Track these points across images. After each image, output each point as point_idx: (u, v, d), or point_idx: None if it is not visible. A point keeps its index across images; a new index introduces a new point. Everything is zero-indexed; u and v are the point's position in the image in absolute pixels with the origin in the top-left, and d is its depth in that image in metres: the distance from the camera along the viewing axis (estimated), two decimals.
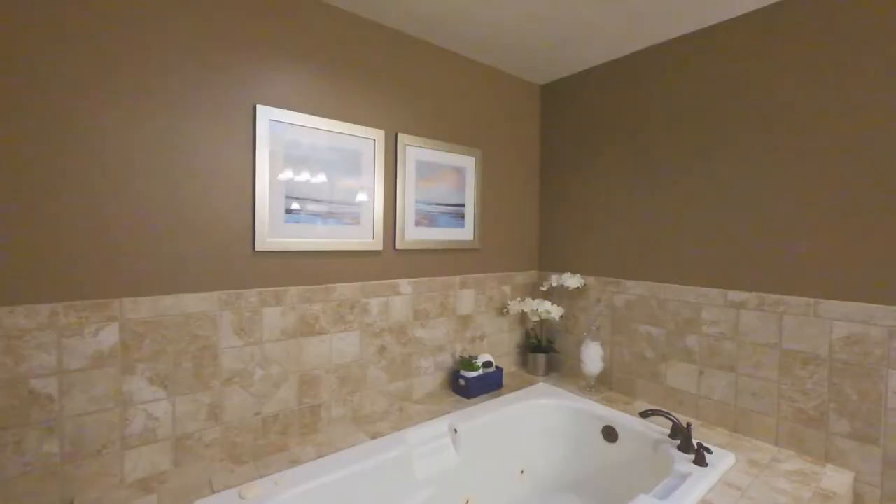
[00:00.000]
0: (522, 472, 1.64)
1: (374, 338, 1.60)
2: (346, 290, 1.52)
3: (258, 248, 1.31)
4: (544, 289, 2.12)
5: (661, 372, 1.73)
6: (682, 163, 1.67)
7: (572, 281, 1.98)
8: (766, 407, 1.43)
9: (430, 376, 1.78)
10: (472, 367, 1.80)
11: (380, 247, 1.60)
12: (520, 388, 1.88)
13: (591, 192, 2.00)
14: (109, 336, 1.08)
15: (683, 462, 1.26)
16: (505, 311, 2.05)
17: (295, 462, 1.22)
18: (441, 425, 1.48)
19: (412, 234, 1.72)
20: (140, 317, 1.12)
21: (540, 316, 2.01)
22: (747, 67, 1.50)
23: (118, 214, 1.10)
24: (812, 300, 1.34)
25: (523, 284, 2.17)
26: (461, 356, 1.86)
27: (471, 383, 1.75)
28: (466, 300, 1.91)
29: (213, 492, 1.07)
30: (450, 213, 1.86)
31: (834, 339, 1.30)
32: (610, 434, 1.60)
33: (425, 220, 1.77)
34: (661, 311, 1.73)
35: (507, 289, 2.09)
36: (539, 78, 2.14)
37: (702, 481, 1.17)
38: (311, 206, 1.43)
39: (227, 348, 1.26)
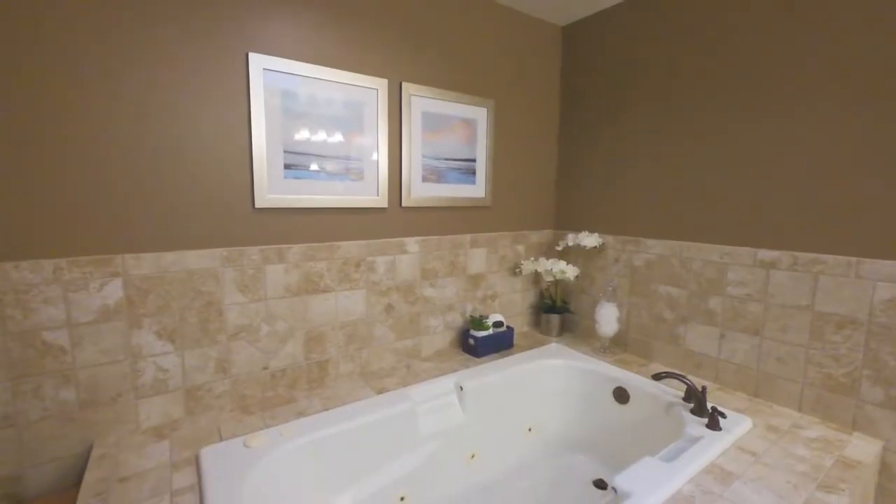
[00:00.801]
0: (530, 429, 1.64)
1: (381, 296, 1.59)
2: (350, 248, 1.49)
3: (258, 204, 1.29)
4: (560, 248, 2.03)
5: (679, 334, 1.65)
6: (713, 114, 1.51)
7: (589, 240, 1.88)
8: (792, 372, 1.35)
9: (438, 335, 1.77)
10: (482, 327, 1.77)
11: (385, 204, 1.55)
12: (531, 348, 1.86)
13: (614, 145, 1.85)
14: (114, 291, 1.10)
15: (695, 426, 1.22)
16: (518, 271, 1.99)
17: (301, 414, 1.25)
18: (447, 383, 1.48)
19: (419, 190, 1.65)
20: (143, 273, 1.13)
21: (554, 276, 1.95)
22: (796, 8, 1.29)
23: (118, 171, 1.09)
24: (854, 259, 1.21)
25: (538, 244, 2.09)
26: (471, 316, 1.84)
27: (480, 342, 1.73)
28: (477, 259, 1.86)
29: (221, 440, 1.11)
30: (459, 169, 1.77)
31: (875, 302, 1.18)
32: (621, 395, 1.56)
33: (433, 176, 1.69)
34: (683, 272, 1.62)
35: (520, 248, 2.02)
36: (560, 17, 1.95)
37: (713, 445, 1.12)
38: (311, 162, 1.39)
39: (231, 304, 1.27)
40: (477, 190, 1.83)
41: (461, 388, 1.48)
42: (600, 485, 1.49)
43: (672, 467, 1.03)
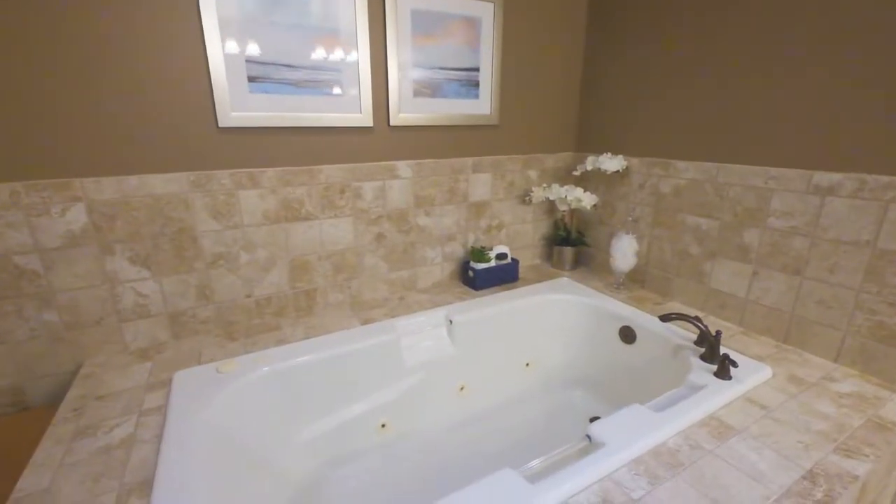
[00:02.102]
0: (528, 364, 1.58)
1: (370, 225, 1.49)
2: (332, 172, 1.37)
3: (222, 123, 1.18)
4: (577, 173, 1.80)
5: (705, 271, 1.45)
6: (767, 14, 1.15)
7: (611, 163, 1.64)
8: (834, 318, 1.14)
9: (436, 266, 1.68)
10: (483, 259, 1.66)
11: (370, 122, 1.39)
12: (539, 282, 1.73)
13: (650, 51, 1.52)
14: (78, 216, 1.07)
15: (701, 373, 1.08)
16: (527, 199, 1.80)
17: (282, 341, 1.25)
18: (437, 315, 1.41)
19: (410, 107, 1.46)
20: (105, 198, 1.09)
21: (569, 204, 1.75)
22: None
23: (67, 91, 1.00)
24: None
25: (553, 169, 1.87)
26: (472, 247, 1.72)
27: (479, 275, 1.63)
28: (481, 186, 1.69)
29: (200, 364, 1.13)
30: (459, 81, 1.54)
31: None
32: (627, 335, 1.43)
33: (427, 89, 1.48)
34: (717, 199, 1.38)
35: (532, 173, 1.81)
36: None
37: (716, 396, 0.99)
38: (279, 73, 1.23)
39: (205, 232, 1.23)
40: (480, 105, 1.61)
41: (450, 322, 1.41)
42: None
43: (660, 417, 0.92)
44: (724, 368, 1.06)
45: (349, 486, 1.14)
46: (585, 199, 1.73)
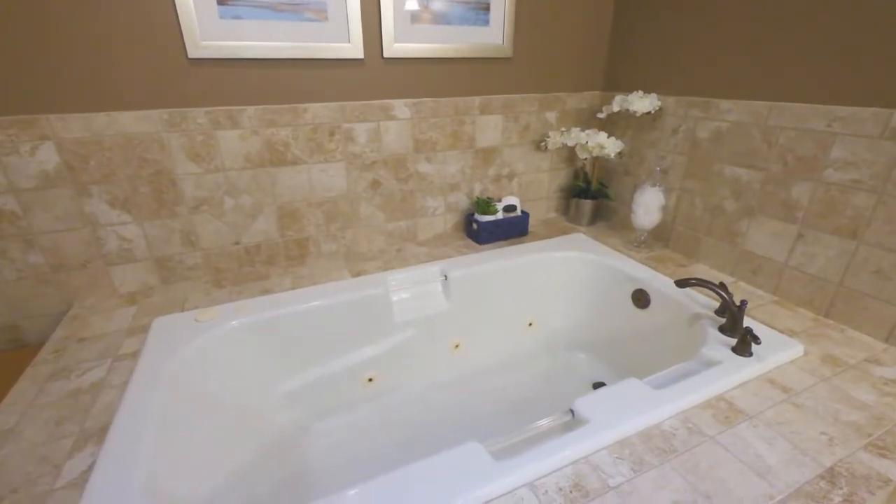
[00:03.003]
0: (531, 324, 1.48)
1: (365, 171, 1.38)
2: (320, 111, 1.25)
3: (192, 54, 1.07)
4: (602, 116, 1.58)
5: (739, 230, 1.26)
6: None
7: (642, 103, 1.42)
8: (894, 291, 0.96)
9: (438, 218, 1.57)
10: (488, 210, 1.53)
11: (360, 54, 1.24)
12: (551, 237, 1.59)
13: None
14: (49, 155, 1.02)
15: (717, 346, 0.95)
16: (543, 145, 1.62)
17: (267, 291, 1.21)
18: (432, 270, 1.32)
19: (408, 35, 1.29)
20: (75, 136, 1.03)
21: (590, 152, 1.55)
22: None
23: (23, 22, 0.92)
24: None
25: (576, 110, 1.65)
26: (478, 197, 1.58)
27: (483, 228, 1.51)
28: (490, 129, 1.52)
29: (183, 311, 1.11)
30: (466, 4, 1.33)
31: None
32: (641, 299, 1.30)
33: (427, 14, 1.29)
34: (763, 146, 1.16)
35: (551, 116, 1.61)
36: None
37: (729, 374, 0.87)
38: None
39: (184, 175, 1.16)
40: (491, 34, 1.40)
41: (445, 277, 1.32)
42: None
43: (658, 395, 0.81)
44: (744, 343, 0.92)
45: (332, 439, 1.13)
46: (609, 145, 1.53)
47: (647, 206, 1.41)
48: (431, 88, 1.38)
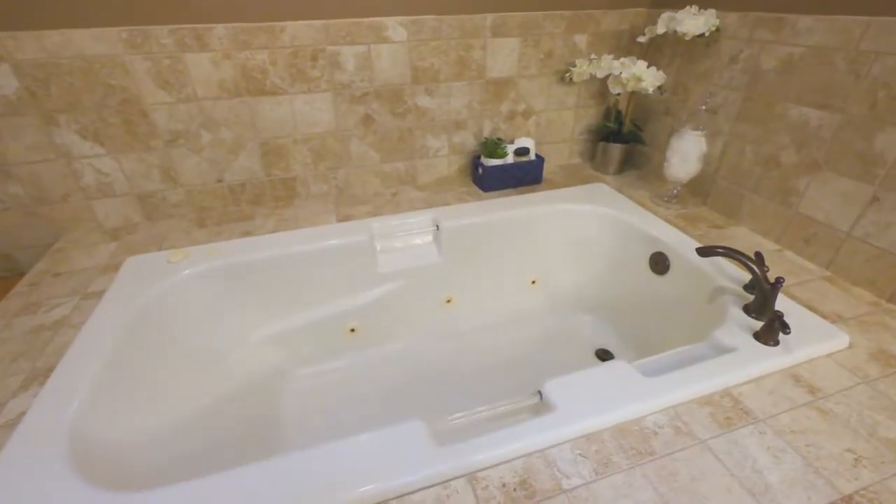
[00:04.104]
0: (534, 282, 1.35)
1: (355, 104, 1.23)
2: (300, 31, 1.09)
3: None
4: (643, 40, 1.30)
5: (796, 188, 1.03)
6: None
7: (694, 22, 1.13)
8: None
9: (441, 159, 1.41)
10: (496, 154, 1.35)
11: None
12: (569, 185, 1.40)
13: None
14: (7, 80, 0.96)
15: (735, 330, 0.79)
16: (567, 76, 1.37)
17: (247, 233, 1.15)
18: (423, 218, 1.20)
19: None
20: (30, 57, 0.95)
21: (624, 85, 1.30)
22: None
23: None
24: None
25: (614, 33, 1.37)
26: (486, 138, 1.40)
27: (489, 173, 1.34)
28: (504, 56, 1.30)
29: (161, 249, 1.08)
30: None
31: None
32: (659, 263, 1.12)
33: None
34: (849, 79, 0.89)
35: (580, 39, 1.35)
36: None
37: (743, 366, 0.72)
38: None
39: (154, 104, 1.07)
40: None
41: (437, 227, 1.20)
42: (603, 356, 1.23)
43: (646, 384, 0.69)
44: (770, 330, 0.76)
45: (308, 387, 1.12)
46: (648, 77, 1.26)
47: (685, 154, 1.18)
48: (432, 3, 1.16)
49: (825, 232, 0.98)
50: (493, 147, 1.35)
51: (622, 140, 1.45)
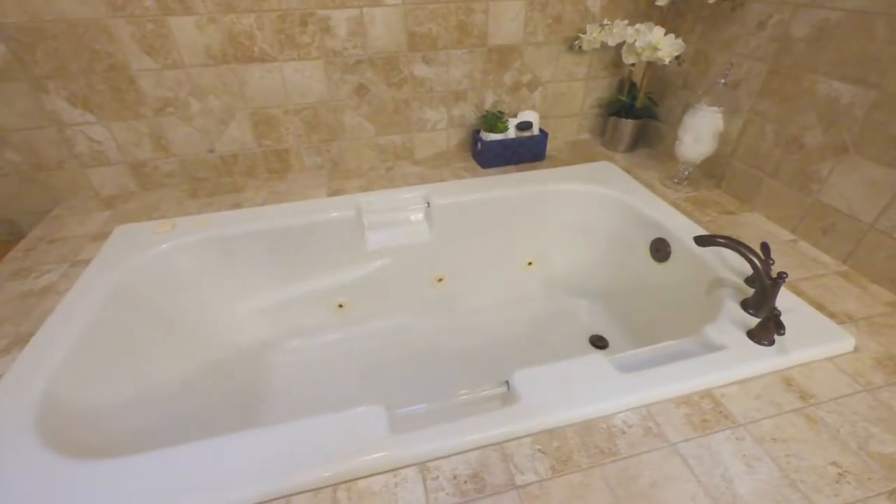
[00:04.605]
0: (530, 264, 1.31)
1: (347, 73, 1.18)
2: None
3: None
4: (663, 3, 1.18)
5: (818, 174, 0.93)
6: None
7: None
8: None
9: (440, 133, 1.36)
10: (496, 128, 1.28)
11: None
12: (574, 163, 1.33)
13: None
14: None
15: (728, 327, 0.74)
16: (577, 43, 1.27)
17: (236, 206, 1.14)
18: (414, 194, 1.17)
19: None
20: (13, 20, 0.94)
21: (639, 54, 1.20)
22: None
23: None
24: None
25: None
26: (487, 111, 1.33)
27: (487, 148, 1.28)
28: (508, 20, 1.21)
29: (151, 219, 1.08)
30: None
31: None
32: (659, 250, 1.06)
33: None
34: (889, 48, 0.79)
35: (593, 2, 1.24)
36: None
37: (730, 366, 0.67)
38: None
39: (141, 71, 1.05)
40: None
41: (428, 204, 1.16)
42: (597, 343, 1.19)
43: (620, 380, 0.65)
44: (765, 328, 0.70)
45: (293, 361, 1.12)
46: (665, 46, 1.16)
47: (699, 132, 1.09)
48: None
49: (846, 222, 0.89)
50: (493, 120, 1.28)
51: (635, 115, 1.35)
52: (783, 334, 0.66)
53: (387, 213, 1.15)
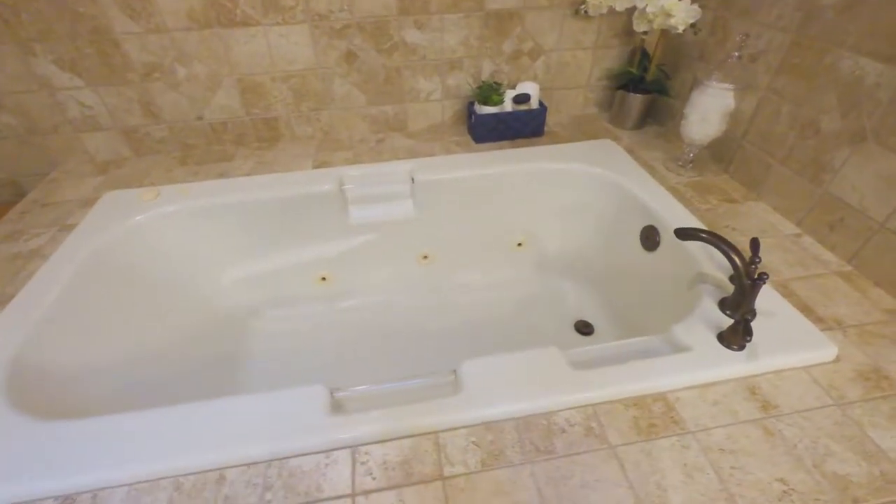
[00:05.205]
0: (520, 244, 1.27)
1: (335, 38, 1.13)
2: None
3: None
4: None
5: (831, 164, 0.85)
6: None
7: None
8: None
9: (434, 104, 1.30)
10: (491, 100, 1.22)
11: None
12: (573, 141, 1.26)
13: None
14: None
15: (697, 327, 0.70)
16: (582, 8, 1.17)
17: (223, 175, 1.14)
18: (399, 169, 1.13)
19: None
20: None
21: (650, 21, 1.09)
22: None
23: None
24: None
25: None
26: (483, 81, 1.25)
27: (480, 122, 1.22)
28: None
29: (141, 186, 1.10)
30: None
31: None
32: (649, 238, 1.00)
33: None
34: None
35: None
36: None
37: (692, 369, 0.64)
38: None
39: (124, 34, 1.04)
40: None
41: (412, 180, 1.13)
42: (583, 329, 1.16)
43: (570, 377, 0.63)
44: (735, 332, 0.66)
45: (273, 330, 1.15)
46: (679, 12, 1.05)
47: (706, 112, 1.00)
48: None
49: (855, 219, 0.81)
50: (488, 92, 1.21)
51: (644, 90, 1.25)
52: (750, 340, 0.62)
53: (370, 187, 1.12)
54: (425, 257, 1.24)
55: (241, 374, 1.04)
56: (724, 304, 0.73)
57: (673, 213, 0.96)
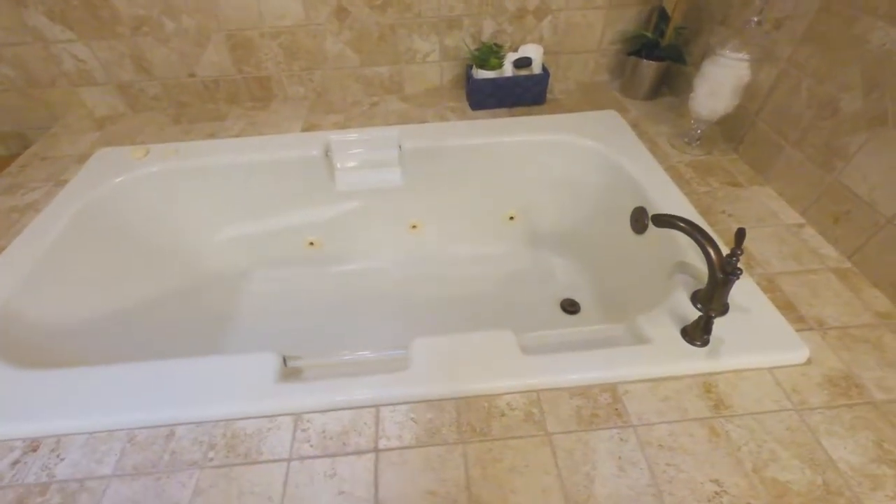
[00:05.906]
0: (512, 218, 1.24)
1: None
2: None
3: None
4: None
5: (845, 149, 0.77)
6: None
7: None
8: None
9: (431, 66, 1.24)
10: (490, 64, 1.15)
11: None
12: (577, 110, 1.18)
13: None
14: None
15: (661, 320, 0.67)
16: None
17: (212, 135, 1.14)
18: (387, 135, 1.10)
19: None
20: None
21: None
22: None
23: None
24: None
25: None
26: (484, 42, 1.18)
27: (476, 87, 1.16)
28: None
29: (134, 144, 1.12)
30: None
31: None
32: (638, 220, 0.95)
33: None
34: None
35: None
36: None
37: (647, 363, 0.62)
38: None
39: None
40: None
41: (400, 147, 1.09)
42: (569, 308, 1.15)
43: (520, 363, 0.62)
44: (698, 327, 0.63)
45: (261, 291, 1.18)
46: None
47: (717, 85, 0.91)
48: None
49: (862, 212, 0.74)
50: (486, 54, 1.14)
51: (658, 56, 1.14)
52: (708, 340, 0.59)
53: (356, 153, 1.10)
54: (414, 227, 1.23)
55: (224, 333, 1.08)
56: (695, 298, 0.69)
57: (665, 196, 0.90)
